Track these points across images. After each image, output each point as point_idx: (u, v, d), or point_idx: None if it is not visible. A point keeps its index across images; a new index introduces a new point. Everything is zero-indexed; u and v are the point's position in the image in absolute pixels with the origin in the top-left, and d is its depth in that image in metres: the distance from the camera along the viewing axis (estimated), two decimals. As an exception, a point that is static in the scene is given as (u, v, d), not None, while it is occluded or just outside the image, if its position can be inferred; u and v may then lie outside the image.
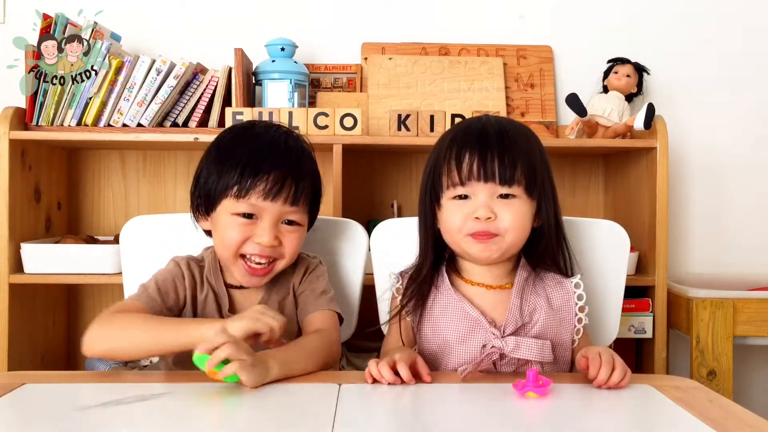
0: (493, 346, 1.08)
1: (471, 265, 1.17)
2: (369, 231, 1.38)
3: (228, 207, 1.13)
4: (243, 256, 1.14)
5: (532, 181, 1.10)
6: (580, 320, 1.16)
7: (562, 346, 1.15)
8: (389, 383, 0.99)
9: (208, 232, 1.21)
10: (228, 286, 1.21)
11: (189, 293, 1.18)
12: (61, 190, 2.07)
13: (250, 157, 1.12)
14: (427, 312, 1.16)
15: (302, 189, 1.14)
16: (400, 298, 1.19)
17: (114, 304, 1.13)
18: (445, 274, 1.17)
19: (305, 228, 1.20)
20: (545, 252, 1.16)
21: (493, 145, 1.09)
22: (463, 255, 1.16)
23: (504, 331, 1.11)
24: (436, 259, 1.19)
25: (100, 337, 1.05)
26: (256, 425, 0.86)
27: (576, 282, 1.17)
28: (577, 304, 1.16)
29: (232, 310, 1.19)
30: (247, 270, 1.15)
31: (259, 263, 1.14)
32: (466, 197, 1.10)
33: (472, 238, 1.10)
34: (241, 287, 1.21)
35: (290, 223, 1.15)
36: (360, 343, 1.89)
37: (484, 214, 1.08)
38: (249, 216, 1.12)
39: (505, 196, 1.09)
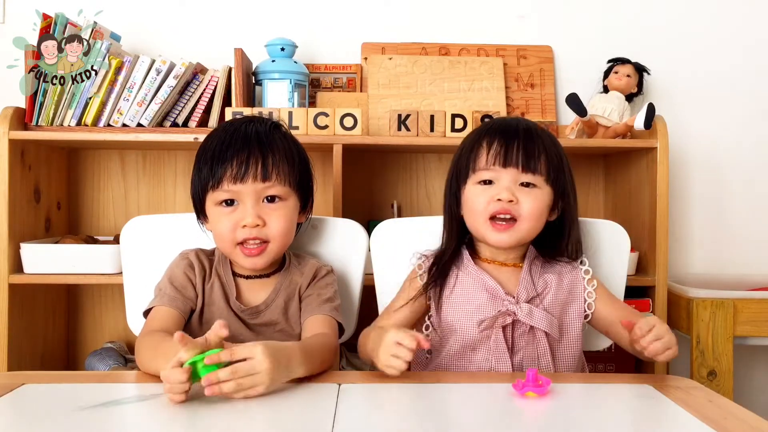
0: (507, 310, 1.15)
1: (486, 247, 1.23)
2: (369, 231, 1.38)
3: (211, 200, 1.19)
4: (240, 244, 1.18)
5: (553, 174, 1.18)
6: (590, 294, 1.22)
7: (568, 322, 1.20)
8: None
9: None
10: (236, 276, 1.24)
11: (199, 282, 1.21)
12: (61, 190, 2.07)
13: (215, 150, 1.18)
14: (448, 288, 1.21)
15: (272, 164, 1.17)
16: (421, 273, 1.23)
17: (147, 319, 1.18)
18: (466, 252, 1.24)
19: (291, 203, 1.21)
20: (562, 244, 1.23)
21: (519, 135, 1.18)
22: (481, 239, 1.22)
23: (518, 299, 1.17)
24: (459, 243, 1.25)
25: (138, 362, 1.11)
26: (256, 425, 0.86)
27: (581, 259, 1.24)
28: (584, 278, 1.22)
29: (240, 299, 1.22)
30: (244, 253, 1.18)
31: (253, 244, 1.18)
32: (490, 183, 1.18)
33: (491, 225, 1.16)
34: (248, 277, 1.24)
35: (272, 200, 1.18)
36: (360, 343, 1.88)
37: (506, 197, 1.15)
38: (231, 203, 1.17)
39: (527, 185, 1.16)
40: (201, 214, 1.24)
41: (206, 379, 0.89)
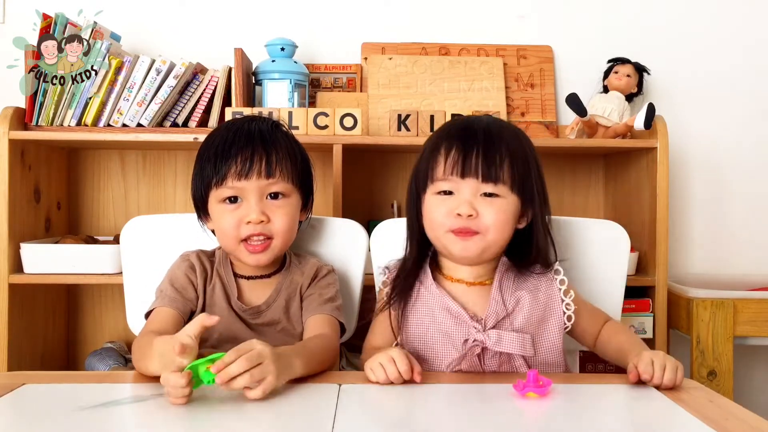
0: (475, 340, 1.09)
1: (452, 263, 1.17)
2: (369, 231, 1.38)
3: (215, 197, 1.19)
4: (244, 241, 1.18)
5: (518, 181, 1.10)
6: (568, 306, 1.16)
7: (546, 339, 1.15)
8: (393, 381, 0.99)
9: (215, 232, 1.25)
10: (237, 276, 1.24)
11: (200, 284, 1.22)
12: (61, 190, 2.07)
13: (219, 148, 1.18)
14: (411, 307, 1.16)
15: (276, 161, 1.18)
16: (386, 290, 1.19)
17: (147, 320, 1.18)
18: (429, 270, 1.18)
19: (294, 200, 1.22)
20: (533, 254, 1.16)
21: (478, 140, 1.10)
22: (444, 253, 1.16)
23: (485, 325, 1.11)
24: (421, 254, 1.19)
25: (133, 362, 1.10)
26: (256, 425, 0.86)
27: (556, 269, 1.18)
28: (560, 289, 1.16)
29: (241, 299, 1.22)
30: (248, 249, 1.18)
31: (257, 241, 1.18)
32: (450, 193, 1.11)
33: (453, 234, 1.10)
34: (249, 277, 1.24)
35: (275, 197, 1.19)
36: (360, 343, 1.88)
37: (465, 211, 1.08)
38: (234, 200, 1.18)
39: (489, 195, 1.09)
40: (202, 212, 1.24)
41: (220, 378, 0.89)
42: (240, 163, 1.16)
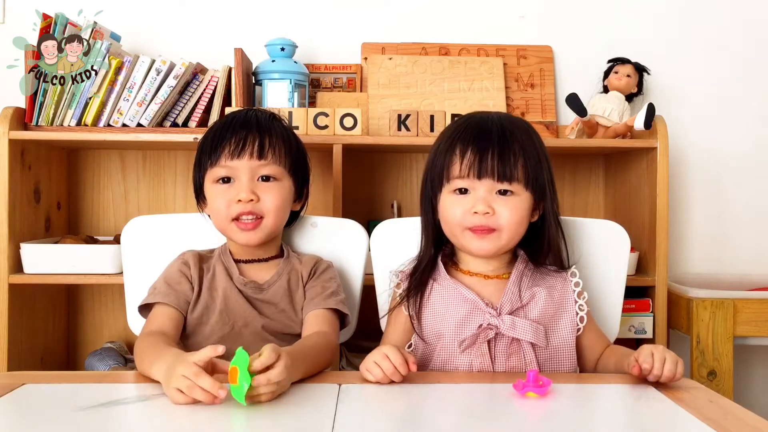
0: (489, 324, 1.11)
1: (469, 257, 1.19)
2: (369, 231, 1.38)
3: (209, 178, 1.24)
4: (236, 220, 1.21)
5: (531, 177, 1.13)
6: (581, 307, 1.17)
7: (559, 335, 1.16)
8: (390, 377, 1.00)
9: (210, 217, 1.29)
10: (237, 262, 1.27)
11: (195, 275, 1.23)
12: (61, 190, 2.07)
13: (216, 132, 1.25)
14: (426, 302, 1.17)
15: (269, 144, 1.22)
16: (400, 292, 1.20)
17: (146, 321, 1.20)
18: (441, 264, 1.19)
19: (285, 184, 1.25)
20: (545, 246, 1.18)
21: (493, 140, 1.11)
22: (461, 249, 1.18)
23: (500, 311, 1.13)
24: (436, 251, 1.22)
25: (136, 364, 1.09)
26: (256, 425, 0.86)
27: (572, 271, 1.20)
28: (575, 291, 1.18)
29: (242, 275, 1.25)
30: (239, 227, 1.21)
31: (247, 219, 1.21)
32: (465, 191, 1.13)
33: (471, 232, 1.12)
34: (248, 261, 1.27)
35: (267, 179, 1.22)
36: (360, 343, 1.89)
37: (482, 209, 1.10)
38: (227, 180, 1.22)
39: (504, 192, 1.12)
40: (201, 197, 1.27)
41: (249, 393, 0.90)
42: (234, 143, 1.21)
